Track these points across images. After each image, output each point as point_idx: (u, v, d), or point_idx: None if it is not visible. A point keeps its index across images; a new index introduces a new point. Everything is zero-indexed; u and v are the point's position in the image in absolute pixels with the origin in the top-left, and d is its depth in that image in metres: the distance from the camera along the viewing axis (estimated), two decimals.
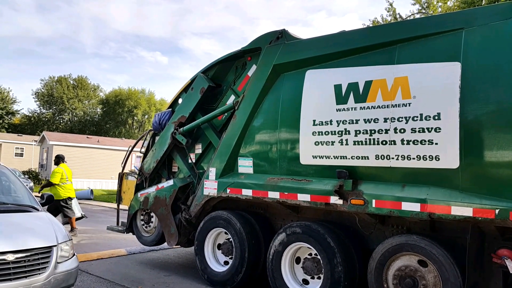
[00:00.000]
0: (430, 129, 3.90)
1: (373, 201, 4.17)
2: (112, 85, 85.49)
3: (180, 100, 6.78)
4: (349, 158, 4.44)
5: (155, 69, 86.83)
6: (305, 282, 4.84)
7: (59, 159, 9.05)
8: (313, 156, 4.74)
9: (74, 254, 4.27)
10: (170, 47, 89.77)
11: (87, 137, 31.81)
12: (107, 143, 30.22)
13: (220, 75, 6.31)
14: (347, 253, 4.46)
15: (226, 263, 5.70)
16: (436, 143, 3.86)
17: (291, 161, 4.97)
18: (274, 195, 5.01)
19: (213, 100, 6.40)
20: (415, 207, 3.90)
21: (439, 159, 3.84)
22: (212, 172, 5.82)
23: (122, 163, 7.54)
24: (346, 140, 4.45)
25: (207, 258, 5.78)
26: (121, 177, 7.57)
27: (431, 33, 4.09)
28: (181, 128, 6.38)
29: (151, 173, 6.87)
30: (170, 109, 6.88)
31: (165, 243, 6.56)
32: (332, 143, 4.56)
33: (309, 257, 4.81)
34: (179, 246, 6.58)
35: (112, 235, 9.27)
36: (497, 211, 3.45)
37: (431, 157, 3.89)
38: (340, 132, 4.51)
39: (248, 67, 5.91)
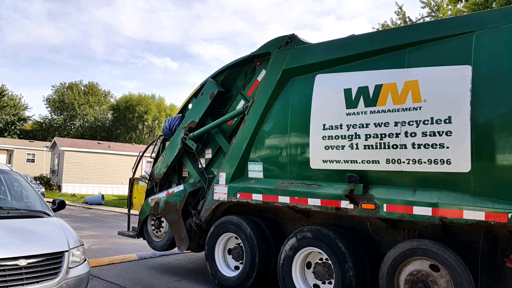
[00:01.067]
0: (441, 133, 3.88)
1: (384, 205, 4.15)
2: (123, 91, 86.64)
3: (190, 106, 6.83)
4: (359, 162, 4.43)
5: (164, 75, 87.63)
6: (316, 287, 4.82)
7: None
8: (323, 160, 4.74)
9: (85, 259, 4.32)
10: (179, 52, 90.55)
11: (98, 143, 32.14)
12: (117, 149, 30.49)
13: (230, 80, 6.35)
14: (358, 257, 4.44)
15: (236, 268, 5.70)
16: (447, 147, 3.83)
17: (301, 166, 4.97)
18: (284, 199, 5.01)
19: (223, 105, 6.43)
20: (427, 211, 3.87)
21: (450, 163, 3.81)
22: (222, 177, 5.85)
23: (133, 168, 7.61)
24: (357, 144, 4.44)
25: (217, 263, 5.79)
26: (132, 182, 7.64)
27: (441, 36, 4.08)
28: (191, 133, 6.42)
29: (162, 178, 6.92)
30: (180, 114, 6.93)
31: (176, 248, 6.59)
32: (343, 147, 4.55)
33: (320, 262, 4.79)
34: (189, 251, 6.59)
35: (123, 240, 9.34)
36: (510, 215, 3.41)
37: (442, 161, 3.86)
38: (350, 136, 4.50)
39: (258, 72, 5.94)
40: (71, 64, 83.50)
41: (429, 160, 3.94)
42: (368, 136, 4.36)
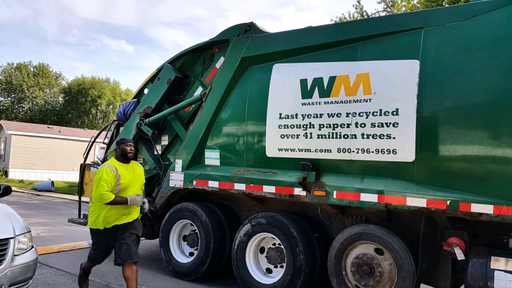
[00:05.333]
0: (388, 124, 4.08)
1: (335, 192, 4.33)
2: (75, 73, 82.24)
3: (146, 91, 6.68)
4: (313, 151, 4.57)
5: (120, 58, 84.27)
6: (269, 271, 4.96)
7: None
8: (278, 149, 4.84)
9: (33, 246, 4.16)
10: (136, 35, 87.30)
11: (48, 127, 30.54)
12: (69, 134, 29.17)
13: (188, 66, 6.27)
14: (309, 242, 4.61)
15: (191, 254, 5.72)
16: (394, 138, 4.05)
17: (258, 154, 5.05)
18: (240, 186, 5.07)
19: (180, 91, 6.35)
20: (373, 198, 4.08)
21: (396, 152, 4.03)
22: (179, 163, 5.81)
23: (84, 154, 7.35)
24: (311, 133, 4.58)
25: (172, 250, 5.78)
26: (83, 168, 7.36)
27: (392, 31, 4.26)
28: (147, 119, 6.30)
29: None
30: (136, 99, 6.77)
31: None
32: (297, 136, 4.67)
33: (272, 247, 4.93)
34: (143, 238, 6.51)
35: (73, 228, 9.02)
36: (448, 202, 3.69)
37: (388, 150, 4.08)
38: (305, 126, 4.63)
39: (216, 59, 5.91)
40: (19, 43, 78.23)
41: (377, 150, 4.14)
42: (321, 126, 4.51)
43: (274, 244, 4.93)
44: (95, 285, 5.12)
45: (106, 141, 7.11)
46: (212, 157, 5.57)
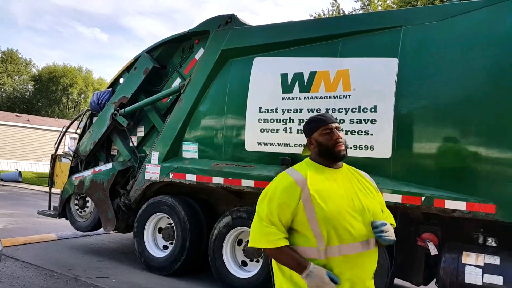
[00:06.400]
0: (366, 121, 4.13)
1: None
2: (46, 61, 79.34)
3: (121, 80, 6.50)
4: (292, 146, 4.57)
5: (93, 47, 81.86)
6: (244, 263, 4.95)
7: None
8: (258, 143, 4.82)
9: None
10: (111, 24, 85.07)
11: (16, 115, 29.35)
12: (38, 123, 28.14)
13: (166, 56, 6.14)
14: None
15: (165, 248, 5.64)
16: (372, 134, 4.10)
17: (237, 147, 5.01)
18: (218, 180, 5.02)
19: (158, 82, 6.21)
20: None
21: (373, 149, 4.09)
22: (155, 156, 5.69)
23: (55, 144, 7.10)
24: (290, 128, 4.58)
25: (146, 243, 5.66)
26: (54, 159, 7.12)
27: (372, 29, 4.30)
28: (122, 110, 6.13)
29: (88, 155, 6.55)
30: (110, 88, 6.57)
31: (101, 229, 6.34)
32: (277, 130, 4.66)
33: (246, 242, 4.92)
34: (116, 232, 6.37)
35: (41, 220, 8.72)
36: (423, 198, 3.77)
37: (366, 147, 4.13)
38: (284, 120, 4.62)
39: (196, 50, 5.80)
40: None
41: (355, 146, 4.18)
42: (301, 121, 4.51)
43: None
44: (63, 278, 4.98)
45: (79, 131, 6.88)
46: (190, 150, 5.49)
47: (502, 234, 3.71)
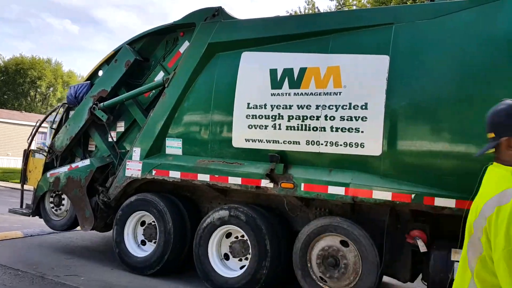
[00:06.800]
0: (357, 118, 4.11)
1: (302, 184, 4.30)
2: (13, 52, 75.48)
3: (100, 73, 6.24)
4: (281, 143, 4.51)
5: (63, 39, 79.02)
6: (226, 257, 4.88)
7: None
8: (245, 139, 4.72)
9: None
10: (82, 16, 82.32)
11: None
12: (3, 116, 26.87)
13: (148, 48, 5.93)
14: (275, 235, 4.56)
15: (147, 247, 5.46)
16: (362, 131, 4.08)
17: (223, 144, 4.90)
18: (204, 177, 4.89)
19: (139, 75, 6.00)
20: (340, 191, 4.11)
21: (364, 146, 4.08)
22: (137, 152, 5.49)
23: (29, 138, 6.75)
24: (279, 124, 4.50)
25: (126, 242, 5.47)
26: (27, 154, 6.77)
27: (363, 25, 4.28)
28: (102, 103, 5.88)
29: (64, 151, 6.26)
30: (89, 81, 6.30)
31: (78, 228, 6.08)
32: (266, 127, 4.58)
33: (235, 239, 4.83)
34: (93, 230, 6.12)
35: (7, 217, 8.21)
36: (413, 195, 3.79)
37: (356, 144, 4.11)
38: (273, 117, 4.54)
39: (180, 43, 5.63)
40: None
41: (345, 143, 4.16)
42: (290, 117, 4.45)
43: (236, 237, 4.84)
44: (28, 277, 4.75)
45: (54, 126, 6.56)
46: (174, 146, 5.33)
47: None
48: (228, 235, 4.90)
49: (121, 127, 6.06)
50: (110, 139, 6.03)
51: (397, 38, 4.05)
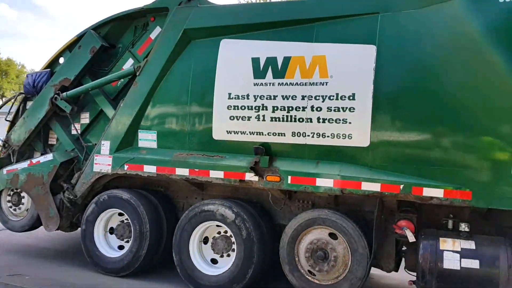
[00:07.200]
0: (345, 109, 4.04)
1: (289, 177, 4.19)
2: None
3: (61, 60, 5.74)
4: (265, 135, 4.35)
5: (0, 24, 73.21)
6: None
7: None
8: (227, 131, 4.51)
9: None
10: (21, 0, 76.65)
11: None
12: None
13: (115, 34, 5.51)
14: (260, 229, 4.42)
15: (121, 247, 5.14)
16: (350, 122, 4.02)
17: (203, 136, 4.66)
18: (182, 172, 4.64)
19: (105, 63, 5.58)
20: (329, 183, 4.04)
21: (351, 137, 4.02)
22: (106, 145, 5.11)
23: None
24: (263, 116, 4.34)
25: (97, 243, 5.11)
26: None
27: (349, 14, 4.19)
28: (65, 93, 5.41)
29: (22, 145, 5.73)
30: (49, 69, 5.77)
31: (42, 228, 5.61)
32: (249, 118, 4.40)
33: (217, 235, 4.65)
34: (58, 230, 5.66)
35: None
36: (401, 186, 3.79)
37: (344, 135, 4.05)
38: (257, 108, 4.37)
39: (151, 29, 5.27)
40: None
41: (332, 134, 4.09)
42: (275, 108, 4.30)
43: (219, 232, 4.66)
44: None
45: (10, 117, 5.97)
46: (147, 139, 5.01)
47: (473, 220, 3.87)
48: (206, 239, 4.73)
49: (85, 118, 5.64)
50: (74, 132, 5.59)
51: (383, 28, 3.99)
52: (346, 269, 3.99)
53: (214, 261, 4.68)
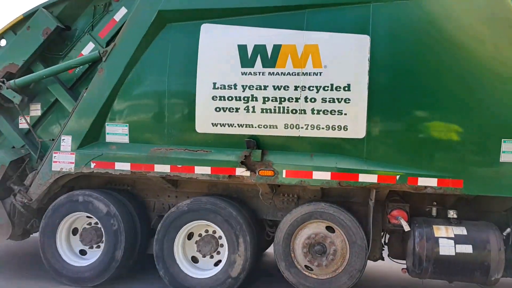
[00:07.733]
0: (340, 100, 3.96)
1: (284, 171, 4.03)
2: None
3: (3, 42, 4.91)
4: (255, 127, 4.13)
5: None
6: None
7: None
8: (212, 123, 4.20)
9: None
10: None
11: None
12: None
13: (70, 14, 4.84)
14: (250, 228, 4.23)
15: (87, 254, 4.61)
16: (345, 114, 3.95)
17: (184, 129, 4.30)
18: (162, 168, 4.25)
19: (58, 47, 4.89)
20: (326, 176, 3.96)
21: (347, 129, 3.96)
22: (66, 141, 4.51)
23: None
24: (253, 107, 4.10)
25: (61, 251, 4.53)
26: None
27: (340, 2, 4.07)
28: (12, 81, 4.65)
29: None
30: None
31: None
32: (237, 109, 4.13)
33: (204, 233, 4.38)
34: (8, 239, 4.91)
35: None
36: (398, 177, 3.83)
37: (339, 127, 3.97)
38: (246, 98, 4.11)
39: (115, 10, 4.70)
40: None
41: (327, 126, 3.99)
42: (266, 99, 4.08)
43: (206, 230, 4.39)
44: None
45: None
46: (117, 133, 4.50)
47: (460, 207, 4.05)
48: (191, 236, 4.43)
49: (36, 110, 4.93)
50: (22, 126, 4.85)
51: (376, 18, 3.94)
52: (344, 261, 3.96)
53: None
